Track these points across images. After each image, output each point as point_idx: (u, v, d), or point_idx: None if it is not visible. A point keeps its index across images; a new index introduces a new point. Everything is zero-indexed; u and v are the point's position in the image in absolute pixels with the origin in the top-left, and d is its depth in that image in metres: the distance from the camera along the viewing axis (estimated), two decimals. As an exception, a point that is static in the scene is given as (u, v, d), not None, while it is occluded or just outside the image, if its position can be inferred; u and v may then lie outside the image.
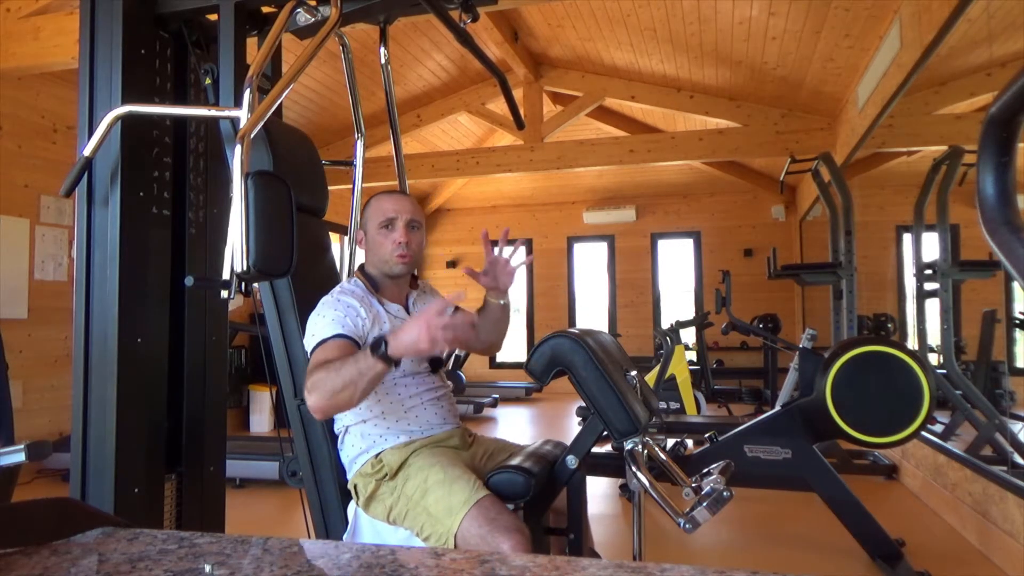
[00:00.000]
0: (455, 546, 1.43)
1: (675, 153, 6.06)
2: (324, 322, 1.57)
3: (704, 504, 1.39)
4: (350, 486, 1.65)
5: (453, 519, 1.45)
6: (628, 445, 1.49)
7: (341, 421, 1.67)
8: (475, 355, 7.50)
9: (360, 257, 1.88)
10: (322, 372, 1.45)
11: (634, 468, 1.46)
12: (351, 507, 1.66)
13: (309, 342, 1.57)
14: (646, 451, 1.52)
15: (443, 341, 1.38)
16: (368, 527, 1.62)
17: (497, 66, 2.15)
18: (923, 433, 2.99)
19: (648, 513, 2.82)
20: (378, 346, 1.40)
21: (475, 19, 1.80)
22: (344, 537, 1.63)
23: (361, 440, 1.64)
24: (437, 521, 1.48)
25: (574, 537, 1.64)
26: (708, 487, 1.42)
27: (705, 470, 1.51)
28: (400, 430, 1.64)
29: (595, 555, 1.80)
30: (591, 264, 9.20)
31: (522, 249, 1.83)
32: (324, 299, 1.64)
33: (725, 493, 1.39)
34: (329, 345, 1.53)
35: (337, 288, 1.69)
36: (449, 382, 1.85)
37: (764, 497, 3.45)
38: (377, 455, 1.62)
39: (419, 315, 1.43)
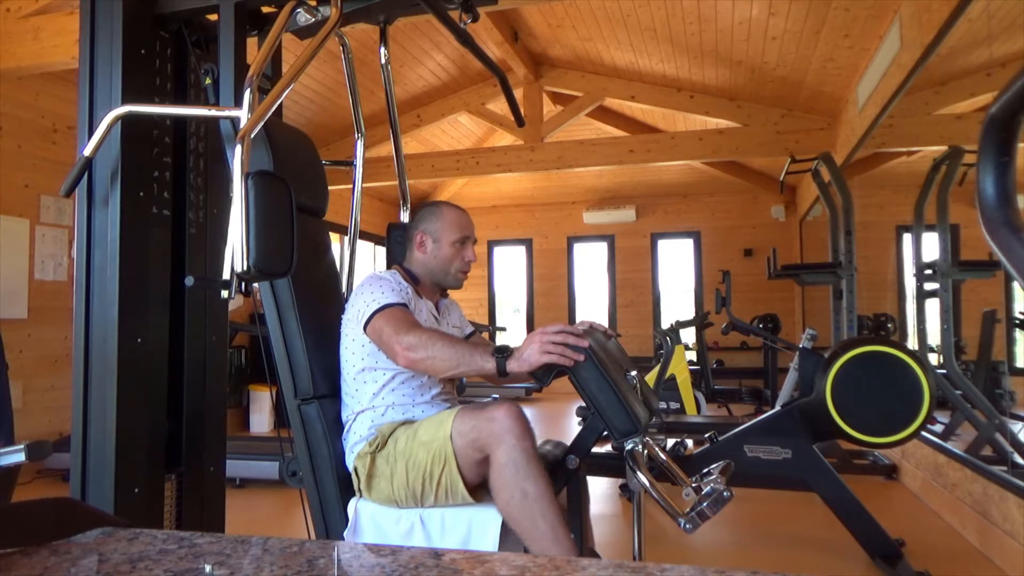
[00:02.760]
0: (453, 451, 1.52)
1: (675, 153, 6.06)
2: (385, 291, 1.67)
3: (704, 504, 1.38)
4: (351, 470, 1.68)
5: (444, 426, 1.55)
6: (628, 445, 1.49)
7: (351, 408, 1.71)
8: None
9: (358, 256, 1.90)
10: (429, 335, 1.58)
11: (634, 468, 1.46)
12: (351, 504, 1.67)
13: (369, 306, 1.65)
14: (646, 451, 1.52)
15: (556, 355, 1.50)
16: (368, 520, 1.63)
17: (497, 64, 2.15)
18: (923, 433, 2.99)
19: (648, 513, 2.82)
20: (504, 352, 1.52)
21: (475, 19, 1.80)
22: (345, 534, 1.64)
23: (366, 430, 1.68)
24: (432, 439, 1.55)
25: (574, 537, 1.63)
26: (708, 487, 1.41)
27: (705, 470, 1.50)
28: (401, 417, 1.69)
29: (595, 555, 1.80)
30: (591, 264, 9.20)
31: None
32: (374, 276, 1.74)
33: (725, 493, 1.38)
34: (398, 310, 1.64)
35: (378, 274, 1.76)
36: (454, 392, 1.88)
37: (764, 497, 3.45)
38: (375, 432, 1.67)
39: (534, 332, 1.56)
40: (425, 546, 1.51)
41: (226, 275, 1.32)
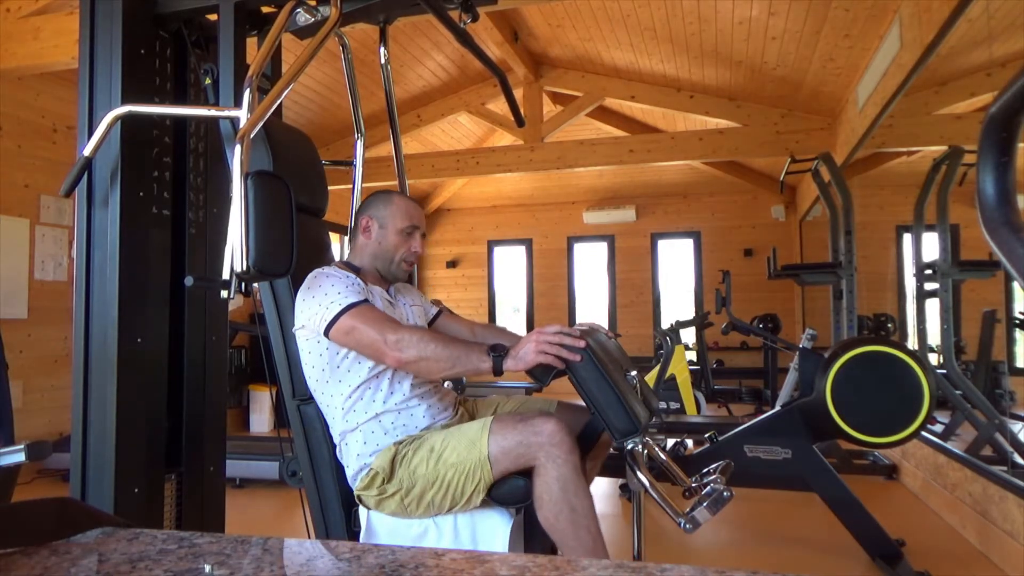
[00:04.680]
0: (490, 468, 1.49)
1: (675, 153, 6.06)
2: (340, 289, 1.58)
3: (704, 504, 1.38)
4: (356, 498, 1.66)
5: (479, 446, 1.51)
6: (628, 445, 1.49)
7: (337, 428, 1.66)
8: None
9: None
10: (419, 333, 1.53)
11: (634, 468, 1.46)
12: (363, 511, 1.65)
13: (328, 308, 1.55)
14: (646, 451, 1.52)
15: (551, 357, 1.48)
16: (384, 528, 1.62)
17: (497, 64, 2.15)
18: (923, 433, 2.99)
19: (648, 513, 2.82)
20: (500, 351, 1.48)
21: (475, 19, 1.80)
22: (361, 538, 1.63)
23: (356, 460, 1.62)
24: (463, 460, 1.52)
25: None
26: (708, 487, 1.41)
27: (705, 470, 1.50)
28: (389, 434, 1.63)
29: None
30: (591, 264, 9.20)
31: None
32: (319, 275, 1.63)
33: (725, 493, 1.38)
34: (367, 308, 1.57)
35: (322, 272, 1.65)
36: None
37: (764, 497, 3.45)
38: (368, 469, 1.61)
39: (532, 332, 1.52)
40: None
41: (226, 275, 1.32)
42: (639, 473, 1.45)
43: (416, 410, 1.67)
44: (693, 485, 1.46)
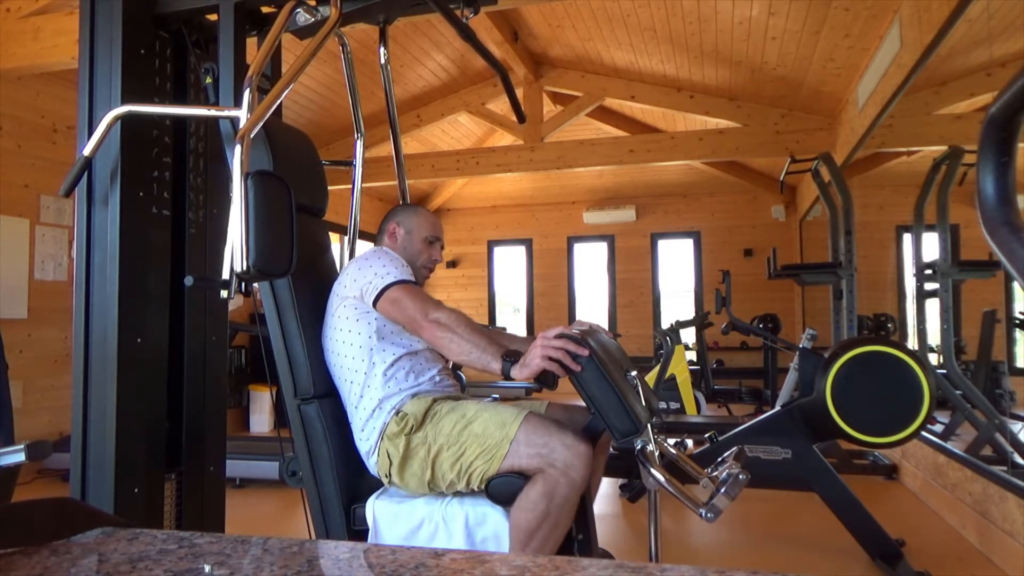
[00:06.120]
0: (506, 453, 1.53)
1: (675, 153, 6.06)
2: (398, 267, 1.73)
3: (723, 490, 1.38)
4: (376, 465, 1.67)
5: (508, 428, 1.55)
6: (639, 444, 1.49)
7: (375, 395, 1.69)
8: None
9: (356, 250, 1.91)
10: (457, 315, 1.63)
11: (648, 466, 1.45)
12: (369, 504, 1.65)
13: (383, 279, 1.69)
14: (657, 449, 1.52)
15: (555, 364, 1.49)
16: (390, 520, 1.63)
17: (498, 60, 2.15)
18: (923, 433, 2.99)
19: (645, 513, 2.82)
20: (510, 357, 1.53)
21: (476, 12, 1.81)
22: (369, 538, 1.63)
23: (384, 412, 1.68)
24: (488, 434, 1.56)
25: (583, 538, 1.63)
26: (724, 473, 1.41)
27: (720, 459, 1.51)
28: (418, 390, 1.73)
29: (607, 555, 1.79)
30: (591, 264, 9.20)
31: None
32: (379, 251, 1.80)
33: (741, 476, 1.37)
34: (414, 286, 1.71)
35: (382, 249, 1.82)
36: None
37: (764, 497, 3.45)
38: (398, 412, 1.66)
39: (536, 339, 1.55)
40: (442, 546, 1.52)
41: (226, 275, 1.32)
42: (654, 471, 1.44)
43: (443, 384, 1.80)
44: (712, 474, 1.45)
